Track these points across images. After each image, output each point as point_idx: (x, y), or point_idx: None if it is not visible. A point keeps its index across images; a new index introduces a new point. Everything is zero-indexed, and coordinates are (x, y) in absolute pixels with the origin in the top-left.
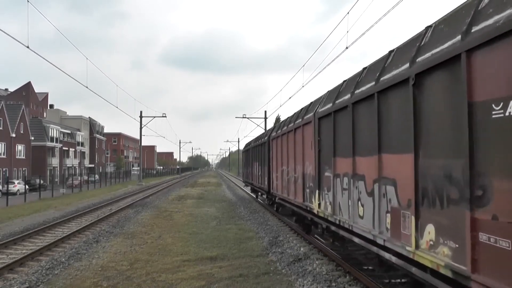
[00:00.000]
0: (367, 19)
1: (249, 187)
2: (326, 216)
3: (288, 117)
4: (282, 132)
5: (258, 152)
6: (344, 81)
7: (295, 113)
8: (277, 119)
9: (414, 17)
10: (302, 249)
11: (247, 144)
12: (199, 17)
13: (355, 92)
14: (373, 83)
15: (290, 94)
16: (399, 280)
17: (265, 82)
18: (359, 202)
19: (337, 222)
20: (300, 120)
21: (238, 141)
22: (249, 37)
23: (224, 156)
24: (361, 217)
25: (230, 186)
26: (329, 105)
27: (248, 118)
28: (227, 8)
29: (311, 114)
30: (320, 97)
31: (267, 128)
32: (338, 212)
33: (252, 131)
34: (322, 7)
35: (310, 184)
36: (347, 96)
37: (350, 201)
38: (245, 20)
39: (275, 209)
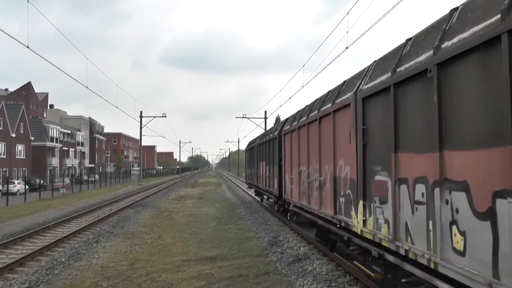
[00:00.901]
0: (367, 19)
1: (253, 189)
2: (378, 240)
3: (306, 106)
4: (300, 123)
5: (265, 150)
6: (408, 40)
7: (318, 98)
8: (277, 119)
9: (414, 17)
10: (302, 249)
11: (252, 142)
12: (200, 18)
13: (443, 45)
14: (494, 18)
15: (290, 94)
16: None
17: (265, 82)
18: (455, 228)
19: (402, 252)
20: (330, 105)
21: (238, 141)
22: (250, 37)
23: (224, 156)
24: (460, 253)
25: (230, 186)
26: (385, 77)
27: (248, 118)
28: (228, 8)
29: (350, 94)
30: (362, 71)
31: (267, 128)
32: (404, 237)
33: (252, 131)
34: (323, 8)
35: (346, 191)
36: (424, 56)
37: (431, 222)
38: (246, 20)
39: (288, 218)
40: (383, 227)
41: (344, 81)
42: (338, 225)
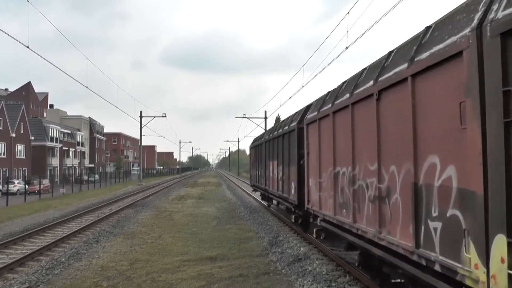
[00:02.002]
0: (367, 19)
1: (258, 192)
2: None
3: (344, 82)
4: (337, 106)
5: (277, 147)
6: None
7: (367, 67)
8: (277, 119)
9: (414, 17)
10: (302, 249)
11: (258, 138)
12: (200, 18)
13: None
14: None
15: (290, 94)
16: (399, 280)
17: (266, 82)
18: None
19: None
20: (403, 67)
21: (238, 141)
22: (250, 37)
23: (224, 156)
24: None
25: (230, 186)
26: None
27: (248, 118)
28: (228, 8)
29: (460, 35)
30: None
31: (267, 128)
32: None
33: (252, 131)
34: (323, 8)
35: (447, 211)
36: None
37: None
38: (246, 20)
39: (314, 235)
40: None
41: (428, 27)
42: (422, 265)
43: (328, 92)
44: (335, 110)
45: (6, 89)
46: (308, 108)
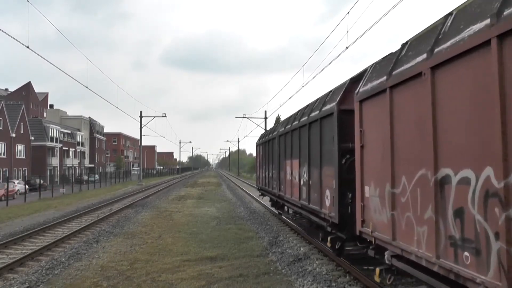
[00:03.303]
0: (367, 19)
1: (264, 197)
2: None
3: (449, 15)
4: (446, 55)
5: (298, 141)
6: None
7: None
8: (277, 119)
9: (413, 18)
10: (302, 249)
11: (269, 132)
12: (201, 18)
13: None
14: None
15: (290, 94)
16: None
17: (266, 82)
18: None
19: None
20: None
21: (238, 141)
22: (251, 38)
23: (224, 156)
24: None
25: (230, 186)
26: None
27: (248, 118)
28: (230, 9)
29: None
30: None
31: (267, 128)
32: None
33: (252, 131)
34: (324, 8)
35: None
36: None
37: None
38: (248, 21)
39: (377, 278)
40: None
41: None
42: None
43: (405, 44)
44: (439, 62)
45: (6, 89)
46: (354, 80)
